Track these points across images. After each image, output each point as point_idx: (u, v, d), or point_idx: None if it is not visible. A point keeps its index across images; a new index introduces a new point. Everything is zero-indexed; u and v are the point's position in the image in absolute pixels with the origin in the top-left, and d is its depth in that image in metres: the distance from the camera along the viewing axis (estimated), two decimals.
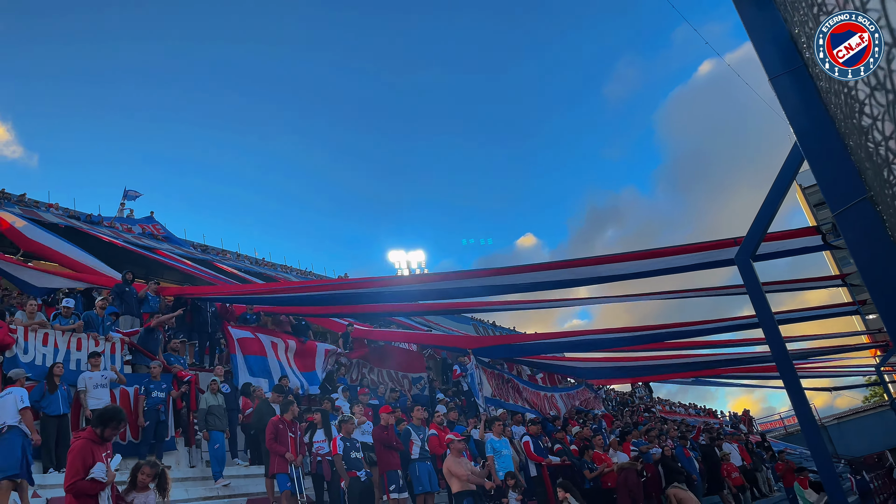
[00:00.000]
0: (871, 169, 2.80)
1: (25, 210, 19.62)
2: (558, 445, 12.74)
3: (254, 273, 23.66)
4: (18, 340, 9.39)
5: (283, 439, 9.09)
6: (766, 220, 6.21)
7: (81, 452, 5.56)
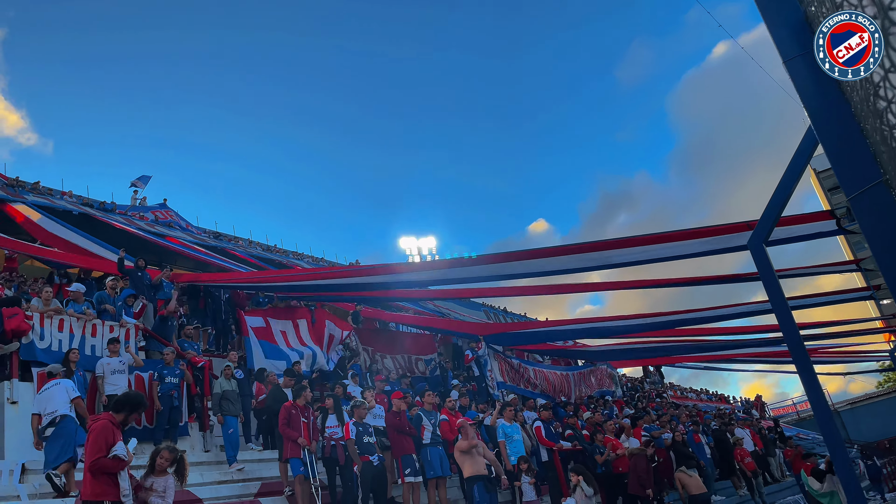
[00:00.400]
0: (887, 152, 2.77)
1: (39, 197, 19.76)
2: (569, 431, 12.78)
3: (266, 260, 23.74)
4: (35, 327, 9.49)
5: (296, 424, 9.18)
6: (779, 204, 6.17)
7: (104, 432, 5.71)
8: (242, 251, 23.78)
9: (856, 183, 2.96)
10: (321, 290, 14.88)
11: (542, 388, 18.57)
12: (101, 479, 5.63)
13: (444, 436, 10.67)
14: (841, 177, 3.06)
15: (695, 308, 14.91)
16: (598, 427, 13.65)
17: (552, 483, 11.38)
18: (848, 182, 3.00)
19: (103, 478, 5.64)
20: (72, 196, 22.37)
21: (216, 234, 26.98)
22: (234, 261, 19.82)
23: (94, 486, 5.61)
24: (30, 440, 8.78)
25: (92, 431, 5.74)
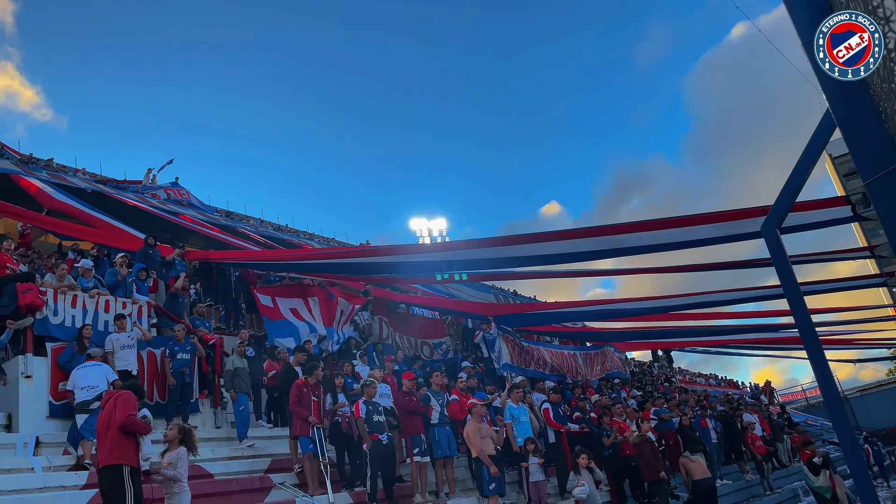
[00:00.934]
0: None
1: (52, 174, 19.87)
2: (577, 413, 12.82)
3: (276, 240, 23.82)
4: (48, 302, 9.58)
5: (307, 402, 9.25)
6: (794, 189, 6.09)
7: (132, 398, 6.17)
8: (253, 230, 23.87)
9: (873, 167, 2.91)
10: (331, 270, 14.92)
11: (552, 368, 18.57)
12: (125, 441, 5.90)
13: (453, 416, 10.74)
14: (858, 161, 3.01)
15: (706, 291, 14.84)
16: (605, 410, 13.68)
17: (559, 464, 11.43)
18: (865, 166, 2.95)
19: (126, 440, 5.91)
20: (85, 173, 22.49)
21: (228, 212, 27.08)
22: (245, 240, 19.90)
23: (117, 450, 5.85)
24: (44, 414, 8.94)
25: (121, 396, 6.09)
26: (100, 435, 6.12)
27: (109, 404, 6.09)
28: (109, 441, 5.89)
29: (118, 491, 5.77)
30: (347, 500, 9.00)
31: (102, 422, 6.10)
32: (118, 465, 5.82)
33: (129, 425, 5.94)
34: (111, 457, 5.82)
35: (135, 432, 6.05)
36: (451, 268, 14.12)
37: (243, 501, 8.29)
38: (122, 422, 5.89)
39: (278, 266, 14.86)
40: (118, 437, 5.92)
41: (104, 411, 6.14)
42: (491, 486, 9.18)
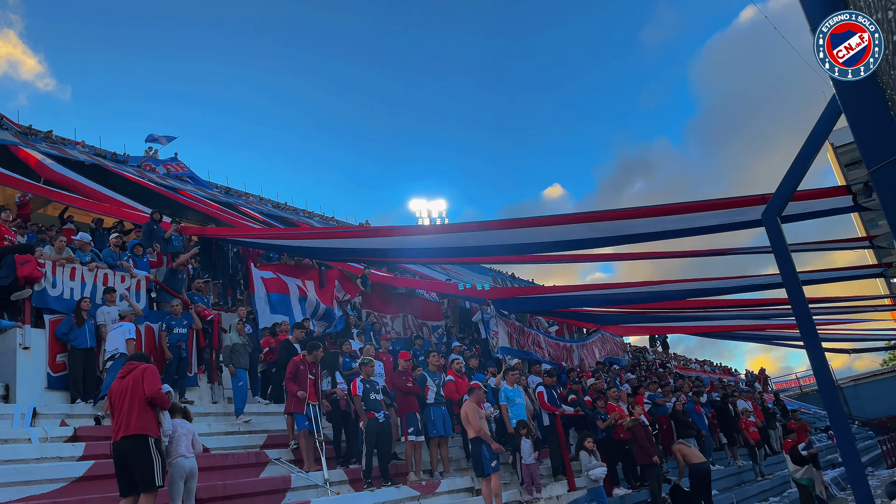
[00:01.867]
0: None
1: (52, 146, 19.77)
2: (572, 396, 12.89)
3: (276, 217, 23.79)
4: (47, 274, 9.59)
5: (303, 380, 9.29)
6: (796, 177, 6.07)
7: (157, 372, 6.29)
8: (253, 208, 23.82)
9: (878, 155, 2.89)
10: (330, 251, 14.92)
11: (547, 355, 18.68)
12: (149, 413, 6.01)
13: (448, 396, 10.79)
14: (863, 149, 3.00)
15: (704, 277, 14.86)
16: (600, 394, 13.75)
17: (553, 447, 11.52)
18: (869, 154, 2.94)
19: (150, 412, 6.02)
20: (84, 146, 22.37)
21: (227, 189, 26.99)
22: (244, 217, 19.87)
23: (143, 420, 5.93)
24: (41, 385, 8.98)
25: (147, 369, 6.15)
26: (117, 403, 6.08)
27: (135, 375, 6.10)
28: (136, 412, 5.92)
29: (146, 460, 5.85)
30: (342, 477, 9.07)
31: (122, 391, 6.07)
32: (144, 436, 5.89)
33: (158, 399, 6.04)
34: (137, 427, 5.88)
35: (158, 406, 6.15)
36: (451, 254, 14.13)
37: (239, 476, 8.35)
38: (151, 395, 5.98)
39: (276, 246, 14.84)
40: (143, 408, 5.97)
41: (126, 380, 6.12)
42: (493, 464, 9.29)
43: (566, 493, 10.86)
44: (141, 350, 9.36)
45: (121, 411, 5.99)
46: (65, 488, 6.98)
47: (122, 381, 6.15)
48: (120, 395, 6.06)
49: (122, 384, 6.12)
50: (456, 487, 9.87)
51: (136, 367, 6.22)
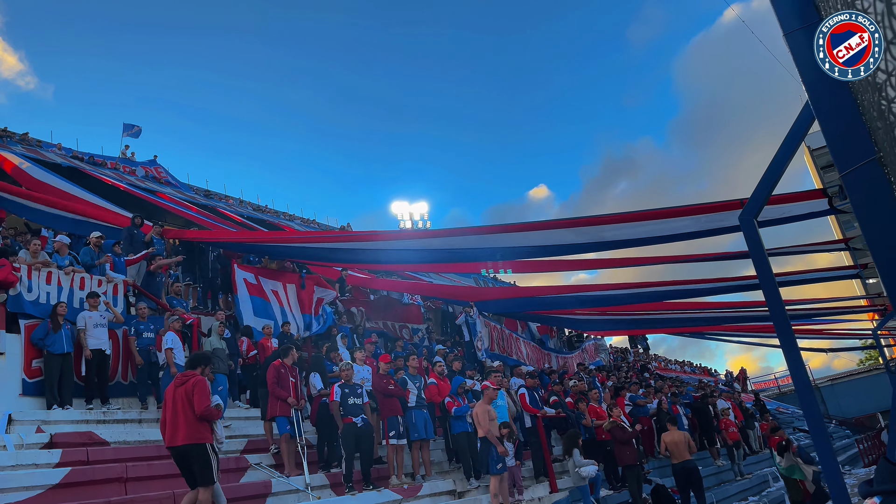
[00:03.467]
0: (883, 129, 2.76)
1: (28, 149, 19.52)
2: (554, 398, 12.94)
3: (256, 220, 23.64)
4: (22, 279, 9.45)
5: (285, 383, 9.24)
6: (772, 180, 6.13)
7: (208, 388, 6.62)
8: (233, 210, 23.66)
9: (849, 159, 2.95)
10: (312, 255, 14.87)
11: (529, 358, 18.77)
12: (204, 425, 6.44)
13: (430, 398, 10.79)
14: (835, 153, 3.05)
15: (685, 280, 14.99)
16: (582, 395, 13.83)
17: (535, 448, 11.55)
18: (841, 158, 2.99)
19: (205, 424, 6.45)
20: (60, 149, 22.13)
21: (207, 192, 26.82)
22: (224, 220, 19.71)
23: (199, 430, 6.39)
24: (16, 391, 8.84)
25: (199, 382, 6.52)
26: (171, 410, 6.48)
27: (187, 387, 6.48)
28: (190, 422, 6.37)
29: (205, 462, 6.38)
30: (324, 481, 9.03)
31: (175, 398, 6.48)
32: (202, 444, 6.38)
33: (207, 416, 6.45)
34: (194, 437, 6.35)
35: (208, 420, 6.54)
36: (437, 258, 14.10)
37: (219, 481, 8.27)
38: (200, 413, 6.38)
39: (257, 248, 14.75)
40: (198, 419, 6.42)
41: (181, 389, 6.49)
42: (499, 466, 9.35)
43: (548, 495, 10.90)
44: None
45: (175, 418, 6.42)
46: (41, 495, 6.89)
47: (176, 390, 6.54)
48: (173, 403, 6.49)
49: (176, 392, 6.52)
50: (438, 490, 9.87)
51: (190, 378, 6.58)
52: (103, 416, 9.14)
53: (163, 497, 7.19)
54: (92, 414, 9.08)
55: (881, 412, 37.79)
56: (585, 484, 10.72)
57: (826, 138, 3.12)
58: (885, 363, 22.16)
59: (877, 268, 3.05)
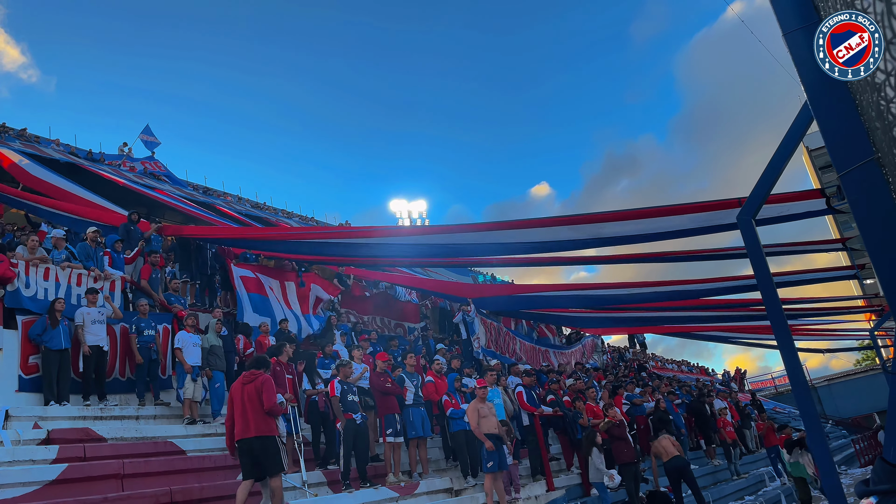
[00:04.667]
0: (881, 129, 2.76)
1: (26, 144, 19.47)
2: (551, 396, 12.95)
3: (254, 217, 23.59)
4: (20, 275, 9.44)
5: (282, 381, 9.24)
6: (770, 180, 6.14)
7: (273, 385, 7.22)
8: (231, 208, 23.61)
9: (847, 160, 2.95)
10: (310, 251, 14.85)
11: (525, 356, 18.78)
12: (271, 419, 7.09)
13: (428, 397, 10.80)
14: (833, 153, 3.05)
15: (682, 280, 15.00)
16: (579, 394, 13.84)
17: (532, 447, 11.57)
18: (839, 158, 2.99)
19: (272, 418, 7.10)
20: (59, 145, 22.09)
21: (205, 188, 26.78)
22: (222, 217, 19.69)
23: (267, 424, 7.03)
24: (13, 387, 8.83)
25: (266, 381, 7.10)
26: (238, 406, 7.06)
27: (256, 385, 7.06)
28: (259, 416, 6.96)
29: (274, 453, 7.01)
30: (320, 478, 9.03)
31: (244, 396, 7.05)
32: (271, 437, 7.02)
33: (275, 411, 7.11)
34: (263, 430, 6.95)
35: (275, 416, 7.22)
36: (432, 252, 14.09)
37: (216, 478, 8.28)
38: (268, 409, 6.99)
39: (255, 244, 14.73)
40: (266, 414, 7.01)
41: (249, 386, 7.07)
42: (489, 464, 9.34)
43: (545, 494, 10.92)
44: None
45: (244, 414, 6.99)
46: (38, 491, 6.88)
47: (244, 387, 7.10)
48: (240, 400, 7.06)
49: (244, 390, 7.09)
50: (435, 488, 9.87)
51: (258, 377, 7.14)
52: (100, 412, 9.14)
53: (159, 493, 7.18)
54: (89, 410, 9.08)
55: (878, 412, 37.87)
56: (602, 481, 10.87)
57: (824, 138, 3.12)
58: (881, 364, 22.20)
59: (874, 268, 3.05)
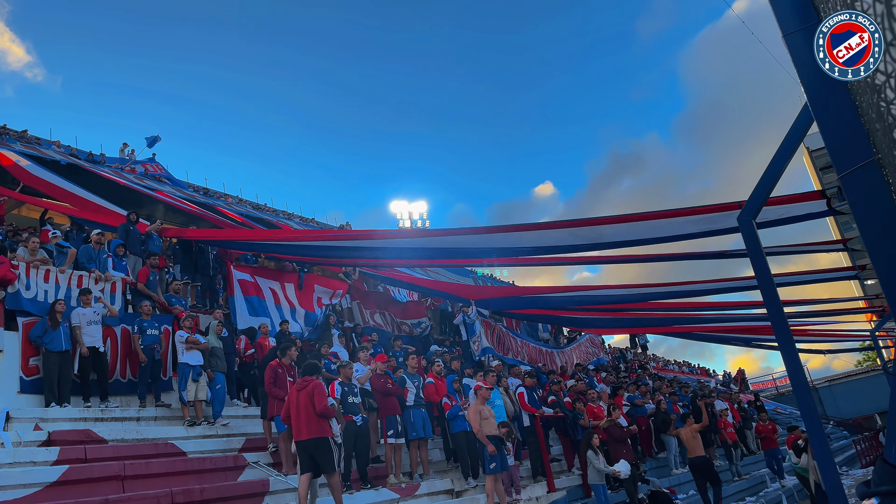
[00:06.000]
0: (881, 130, 2.76)
1: (27, 146, 19.47)
2: (552, 397, 12.95)
3: (255, 219, 23.54)
4: (20, 276, 9.45)
5: (283, 383, 9.23)
6: (770, 181, 6.13)
7: (325, 389, 7.82)
8: (232, 209, 23.59)
9: (847, 161, 2.95)
10: (310, 254, 14.86)
11: (525, 359, 18.77)
12: (324, 421, 7.57)
13: (428, 398, 10.79)
14: (833, 154, 3.05)
15: (683, 281, 15.00)
16: (580, 395, 13.83)
17: (533, 448, 11.56)
18: (840, 160, 3.00)
19: (325, 420, 7.58)
20: (59, 146, 22.07)
21: (206, 190, 26.76)
22: (223, 218, 19.67)
23: (321, 426, 7.54)
24: (14, 389, 8.84)
25: (317, 387, 7.69)
26: (294, 411, 7.67)
27: (308, 391, 7.64)
28: (313, 419, 7.51)
29: (328, 453, 7.53)
30: (321, 480, 9.01)
31: (298, 402, 7.65)
32: (324, 438, 7.52)
33: (327, 413, 7.60)
34: (318, 431, 7.50)
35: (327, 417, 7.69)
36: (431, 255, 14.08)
37: (217, 480, 8.28)
38: (320, 411, 7.52)
39: (256, 246, 14.74)
40: (318, 417, 7.53)
41: (302, 392, 7.65)
42: (491, 465, 9.36)
43: (546, 495, 10.92)
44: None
45: (299, 417, 7.58)
46: (38, 493, 6.89)
47: (299, 393, 7.69)
48: (296, 405, 7.66)
49: (299, 396, 7.67)
50: (436, 490, 9.87)
51: (310, 383, 7.72)
52: (101, 413, 9.14)
53: (160, 495, 7.18)
54: (90, 412, 9.08)
55: (879, 413, 37.84)
56: (601, 483, 10.94)
57: (825, 140, 3.12)
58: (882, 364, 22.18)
59: (875, 269, 3.05)
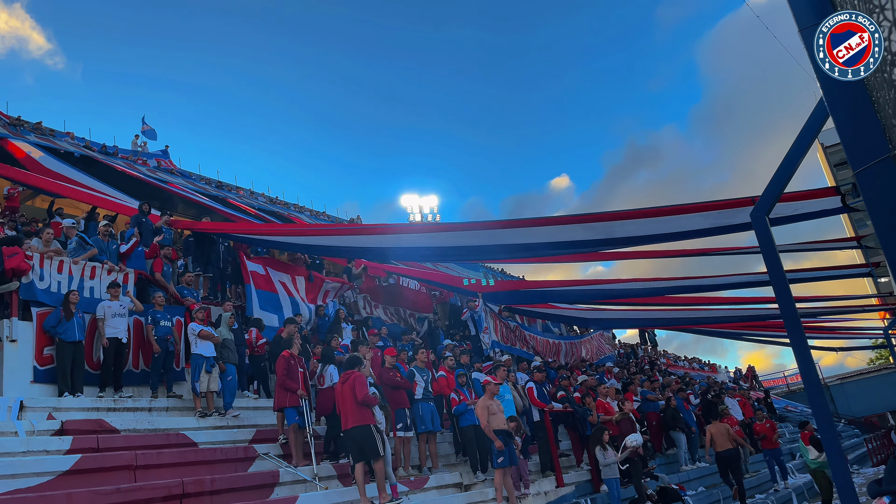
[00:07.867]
0: None
1: (41, 138, 19.62)
2: (562, 392, 12.93)
3: (267, 212, 23.64)
4: (34, 267, 9.52)
5: (294, 374, 9.29)
6: (784, 178, 6.12)
7: (365, 380, 8.25)
8: (244, 201, 23.70)
9: (863, 157, 2.92)
10: (320, 252, 14.93)
11: (535, 351, 18.74)
12: (366, 410, 8.05)
13: (439, 391, 10.81)
14: (849, 150, 3.02)
15: (695, 276, 14.92)
16: (590, 390, 13.81)
17: (542, 443, 11.56)
18: (855, 156, 2.96)
19: (367, 409, 8.06)
20: (73, 138, 22.21)
21: (219, 183, 26.87)
22: (235, 211, 19.77)
23: (363, 415, 8.02)
24: (28, 378, 8.93)
25: (358, 377, 8.16)
26: (342, 402, 8.22)
27: (350, 382, 8.13)
28: (356, 409, 8.02)
29: (371, 440, 7.95)
30: (331, 472, 9.07)
31: (343, 392, 8.19)
32: (367, 425, 7.98)
33: (367, 402, 8.05)
34: (361, 420, 8.00)
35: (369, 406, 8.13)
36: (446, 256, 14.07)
37: (227, 470, 8.34)
38: (361, 400, 7.98)
39: (266, 241, 14.79)
40: (360, 406, 8.01)
41: (346, 385, 8.17)
42: (499, 460, 9.39)
43: (554, 489, 10.91)
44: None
45: (345, 408, 8.12)
46: (51, 482, 6.95)
47: (343, 385, 8.23)
48: (342, 397, 8.22)
49: (343, 388, 8.21)
50: (444, 483, 9.89)
51: (351, 375, 8.22)
52: (114, 403, 9.22)
53: (171, 485, 7.23)
54: (102, 402, 9.16)
55: (891, 412, 37.57)
56: (614, 478, 11.00)
57: (840, 136, 3.09)
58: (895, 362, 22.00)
59: (889, 266, 3.03)
